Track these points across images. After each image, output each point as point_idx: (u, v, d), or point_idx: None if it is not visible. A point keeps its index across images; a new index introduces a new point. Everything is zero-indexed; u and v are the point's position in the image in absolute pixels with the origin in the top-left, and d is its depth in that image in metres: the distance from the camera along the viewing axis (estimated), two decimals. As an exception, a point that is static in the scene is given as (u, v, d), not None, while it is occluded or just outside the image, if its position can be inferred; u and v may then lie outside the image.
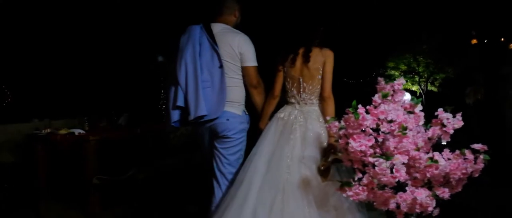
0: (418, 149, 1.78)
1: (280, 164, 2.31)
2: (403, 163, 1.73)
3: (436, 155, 1.74)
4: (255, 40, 2.55)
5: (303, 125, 2.41)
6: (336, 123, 1.88)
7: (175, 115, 2.48)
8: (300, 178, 2.24)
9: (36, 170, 3.68)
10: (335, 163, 2.22)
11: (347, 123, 1.76)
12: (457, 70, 9.71)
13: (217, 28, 2.52)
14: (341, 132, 1.85)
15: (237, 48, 2.46)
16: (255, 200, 2.22)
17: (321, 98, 2.46)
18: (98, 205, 3.50)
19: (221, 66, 2.43)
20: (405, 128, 1.77)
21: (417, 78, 11.27)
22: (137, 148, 3.42)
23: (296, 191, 2.22)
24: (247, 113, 2.63)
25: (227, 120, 2.47)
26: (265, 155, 2.37)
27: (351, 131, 1.75)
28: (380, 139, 1.81)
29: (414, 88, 11.62)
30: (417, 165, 1.77)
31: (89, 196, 3.45)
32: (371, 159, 1.74)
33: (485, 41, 8.70)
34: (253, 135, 2.58)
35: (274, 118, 2.53)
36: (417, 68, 10.96)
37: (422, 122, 1.85)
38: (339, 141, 1.88)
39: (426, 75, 11.07)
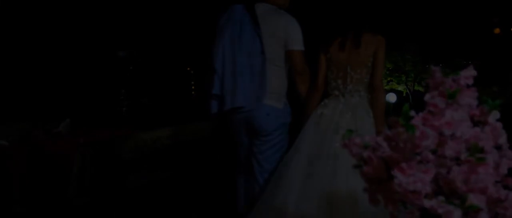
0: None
1: (324, 171, 2.10)
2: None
3: (537, 196, 1.04)
4: (301, 22, 2.33)
5: (351, 125, 2.16)
6: (357, 140, 1.16)
7: (214, 106, 2.31)
8: (349, 190, 1.99)
9: None
10: None
11: (393, 144, 1.04)
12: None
13: (261, 8, 2.32)
14: (366, 154, 1.14)
15: (282, 31, 2.26)
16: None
17: (371, 88, 2.29)
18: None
19: (263, 52, 2.24)
20: (481, 150, 1.07)
21: (404, 78, 10.92)
22: (79, 163, 2.63)
23: (345, 205, 2.02)
24: (288, 105, 2.44)
25: (268, 115, 2.29)
26: (303, 161, 2.18)
27: (398, 156, 1.03)
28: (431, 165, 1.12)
29: (400, 88, 11.29)
30: (501, 211, 1.07)
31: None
32: (428, 203, 1.03)
33: None
34: (294, 130, 2.41)
35: (314, 115, 2.31)
36: (404, 67, 10.60)
37: (504, 138, 1.14)
38: (364, 168, 1.17)
39: (413, 75, 10.74)
